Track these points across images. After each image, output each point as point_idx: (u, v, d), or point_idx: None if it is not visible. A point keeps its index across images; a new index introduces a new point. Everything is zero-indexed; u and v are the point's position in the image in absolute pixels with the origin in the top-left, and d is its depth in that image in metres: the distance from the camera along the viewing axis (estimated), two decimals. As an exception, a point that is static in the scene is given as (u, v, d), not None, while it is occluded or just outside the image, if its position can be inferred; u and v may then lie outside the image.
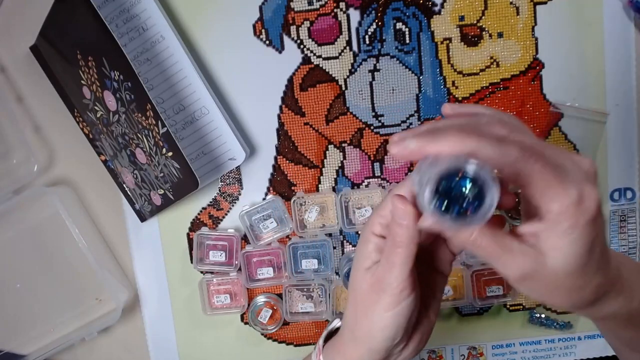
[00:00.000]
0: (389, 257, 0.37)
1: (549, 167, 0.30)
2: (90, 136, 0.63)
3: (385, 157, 0.63)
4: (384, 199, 0.39)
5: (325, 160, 0.63)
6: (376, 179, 0.64)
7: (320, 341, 0.44)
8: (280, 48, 0.61)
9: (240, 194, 0.64)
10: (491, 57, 0.61)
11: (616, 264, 0.35)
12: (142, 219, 0.64)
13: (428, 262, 0.41)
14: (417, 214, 0.35)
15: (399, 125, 0.62)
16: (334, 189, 0.64)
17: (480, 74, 0.61)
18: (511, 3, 0.60)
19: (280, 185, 0.64)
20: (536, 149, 0.31)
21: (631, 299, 0.35)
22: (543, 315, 0.66)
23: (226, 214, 0.65)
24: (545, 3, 0.60)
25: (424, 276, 0.41)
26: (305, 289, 0.65)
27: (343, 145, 0.63)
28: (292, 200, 0.62)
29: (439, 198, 0.30)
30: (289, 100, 0.62)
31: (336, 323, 0.44)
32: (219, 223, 0.65)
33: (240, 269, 0.64)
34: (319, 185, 0.64)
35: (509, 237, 0.32)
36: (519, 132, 0.32)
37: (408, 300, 0.37)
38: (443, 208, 0.30)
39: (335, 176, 0.64)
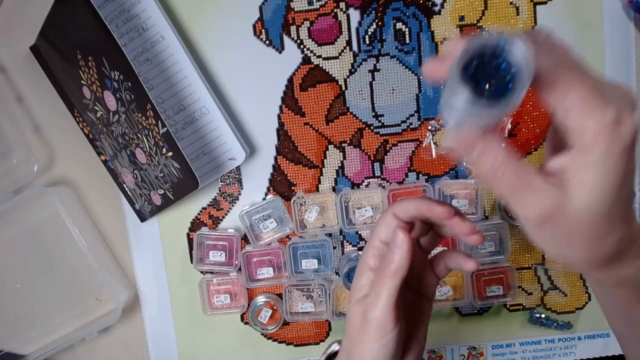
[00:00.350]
0: (375, 286, 0.38)
1: (590, 78, 0.28)
2: (90, 136, 0.63)
3: (385, 157, 0.63)
4: (374, 228, 0.41)
5: (325, 160, 0.63)
6: (376, 179, 0.64)
7: None
8: (280, 48, 0.61)
9: (240, 194, 0.64)
10: (491, 57, 0.61)
11: (637, 221, 0.32)
12: (142, 219, 0.64)
13: (414, 288, 0.43)
14: (413, 248, 0.38)
15: (399, 125, 0.62)
16: (334, 189, 0.64)
17: (480, 74, 0.61)
18: (511, 3, 0.60)
19: (280, 185, 0.64)
20: (579, 61, 0.29)
21: None
22: (543, 315, 0.66)
23: (226, 214, 0.65)
24: (545, 3, 0.60)
25: (411, 303, 0.42)
26: (305, 289, 0.65)
27: (343, 145, 0.63)
28: (292, 200, 0.62)
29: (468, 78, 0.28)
30: (289, 100, 0.62)
31: (334, 347, 0.46)
32: (219, 223, 0.65)
33: (240, 269, 0.64)
34: (319, 185, 0.64)
35: (532, 171, 0.30)
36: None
37: (393, 332, 0.38)
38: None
39: (335, 176, 0.64)
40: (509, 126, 0.62)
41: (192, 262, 0.65)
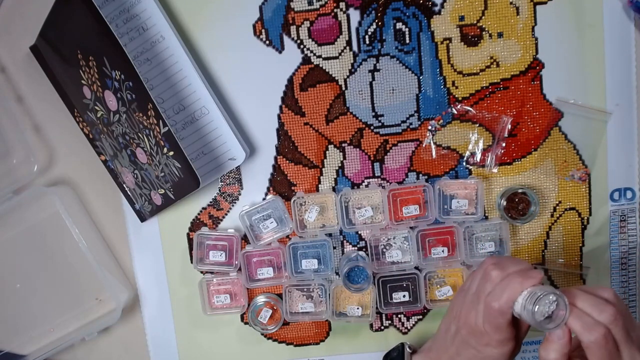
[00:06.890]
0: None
1: None
2: (90, 136, 0.63)
3: (385, 157, 0.63)
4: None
5: (325, 160, 0.63)
6: (376, 179, 0.64)
7: None
8: (280, 48, 0.61)
9: (240, 194, 0.64)
10: (491, 57, 0.61)
11: None
12: (142, 219, 0.64)
13: None
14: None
15: (398, 125, 0.62)
16: (334, 189, 0.64)
17: (480, 74, 0.61)
18: (511, 3, 0.60)
19: (280, 185, 0.64)
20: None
21: None
22: (543, 315, 0.66)
23: (226, 214, 0.65)
24: (545, 3, 0.60)
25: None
26: (305, 289, 0.65)
27: (343, 145, 0.63)
28: (292, 200, 0.62)
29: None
30: (289, 100, 0.62)
31: None
32: (219, 223, 0.65)
33: (240, 269, 0.64)
34: (319, 185, 0.64)
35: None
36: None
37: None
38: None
39: (335, 176, 0.64)
40: (509, 126, 0.62)
41: (192, 262, 0.65)
